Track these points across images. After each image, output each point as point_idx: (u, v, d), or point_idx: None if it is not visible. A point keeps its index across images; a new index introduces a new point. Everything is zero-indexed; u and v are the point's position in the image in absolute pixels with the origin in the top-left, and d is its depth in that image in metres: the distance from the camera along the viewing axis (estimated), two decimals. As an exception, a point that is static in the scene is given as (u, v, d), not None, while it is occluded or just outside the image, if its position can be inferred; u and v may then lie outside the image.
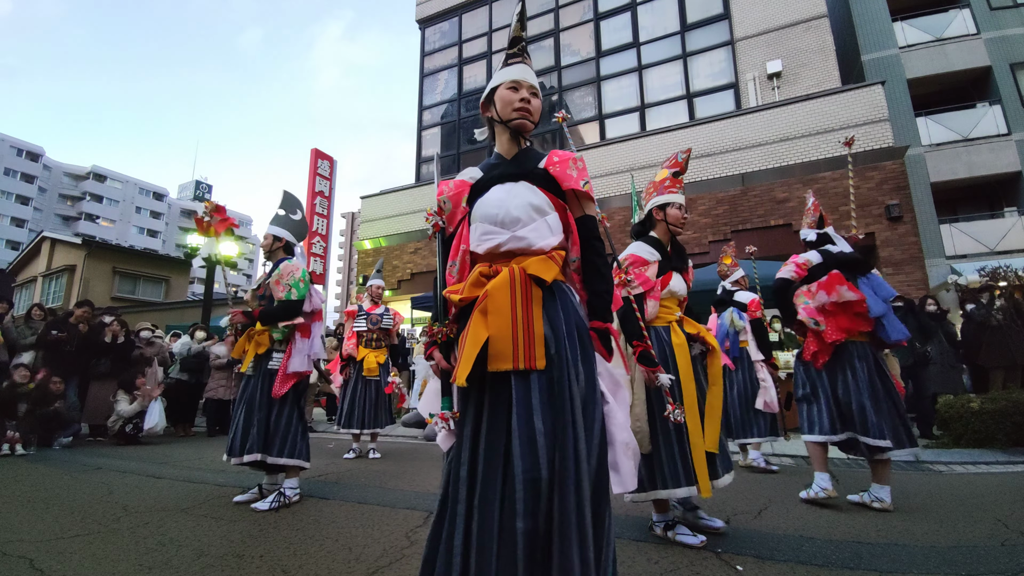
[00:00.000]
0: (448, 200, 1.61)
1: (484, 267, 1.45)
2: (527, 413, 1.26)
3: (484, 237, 1.49)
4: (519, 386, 1.29)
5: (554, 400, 1.29)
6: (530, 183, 1.50)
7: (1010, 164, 12.06)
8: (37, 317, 6.98)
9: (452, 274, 1.55)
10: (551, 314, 1.39)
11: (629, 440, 1.40)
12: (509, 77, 1.59)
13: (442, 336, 1.49)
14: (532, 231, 1.45)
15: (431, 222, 1.62)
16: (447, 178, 1.74)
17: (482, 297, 1.38)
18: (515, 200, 1.47)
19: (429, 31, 15.74)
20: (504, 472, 1.24)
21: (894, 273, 8.62)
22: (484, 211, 1.50)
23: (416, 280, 13.01)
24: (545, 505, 1.20)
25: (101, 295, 18.21)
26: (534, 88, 1.60)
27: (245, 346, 3.28)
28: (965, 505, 3.07)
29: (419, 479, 3.97)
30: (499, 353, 1.32)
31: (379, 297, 5.37)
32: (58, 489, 3.58)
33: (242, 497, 3.16)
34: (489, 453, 1.27)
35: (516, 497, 1.19)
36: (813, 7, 10.63)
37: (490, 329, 1.33)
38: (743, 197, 9.88)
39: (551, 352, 1.33)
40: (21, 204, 44.65)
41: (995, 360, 5.75)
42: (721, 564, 2.12)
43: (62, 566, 2.09)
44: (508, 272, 1.39)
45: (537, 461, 1.21)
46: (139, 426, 6.08)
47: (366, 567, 2.09)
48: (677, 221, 2.65)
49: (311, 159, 16.01)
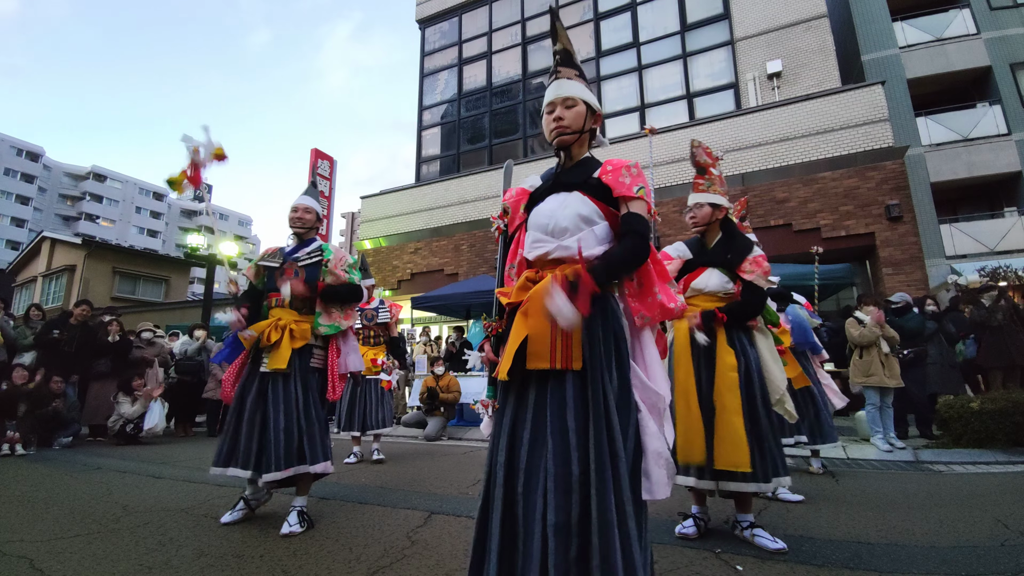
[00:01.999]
0: (509, 207, 1.72)
1: (532, 273, 1.54)
2: (560, 411, 1.36)
3: (534, 245, 1.57)
4: (555, 385, 1.40)
5: (588, 400, 1.36)
6: (583, 193, 1.55)
7: (1010, 164, 12.05)
8: (35, 317, 6.99)
9: (511, 276, 1.66)
10: (589, 319, 1.41)
11: (662, 450, 1.41)
12: (546, 101, 1.66)
13: (492, 330, 1.62)
14: (578, 241, 1.49)
15: (494, 225, 1.73)
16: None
17: (525, 300, 1.46)
18: (565, 211, 1.53)
19: (429, 31, 15.74)
20: (543, 466, 1.32)
21: (894, 273, 8.62)
22: (536, 220, 1.59)
23: (416, 280, 13.01)
24: (579, 501, 1.26)
25: (101, 295, 18.22)
26: (569, 99, 1.61)
27: (271, 335, 2.71)
28: (965, 505, 3.07)
29: (419, 479, 3.97)
30: (537, 352, 1.41)
31: (369, 293, 5.03)
32: (58, 489, 3.58)
33: (231, 516, 2.70)
34: (533, 446, 1.36)
35: (548, 491, 1.27)
36: (813, 7, 10.63)
37: (529, 329, 1.42)
38: (743, 197, 9.89)
39: (587, 355, 1.40)
40: (21, 204, 44.63)
41: (994, 360, 5.75)
42: (721, 564, 2.11)
43: (62, 566, 2.09)
44: (551, 278, 1.42)
45: (568, 458, 1.29)
46: (139, 426, 6.09)
47: (366, 567, 2.09)
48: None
49: (311, 159, 16.02)
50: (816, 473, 4.06)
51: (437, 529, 2.62)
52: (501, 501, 1.34)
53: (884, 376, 5.07)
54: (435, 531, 2.58)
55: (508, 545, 1.30)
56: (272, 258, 2.92)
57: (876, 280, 9.13)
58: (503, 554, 1.30)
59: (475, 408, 1.65)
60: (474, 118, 14.38)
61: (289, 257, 2.89)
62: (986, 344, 5.81)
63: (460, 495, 3.39)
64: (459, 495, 3.39)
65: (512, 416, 1.44)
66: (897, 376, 5.12)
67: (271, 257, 2.93)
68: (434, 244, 12.97)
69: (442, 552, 2.26)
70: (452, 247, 12.71)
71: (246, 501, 2.76)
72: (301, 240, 3.00)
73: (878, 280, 8.98)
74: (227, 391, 2.84)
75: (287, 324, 2.74)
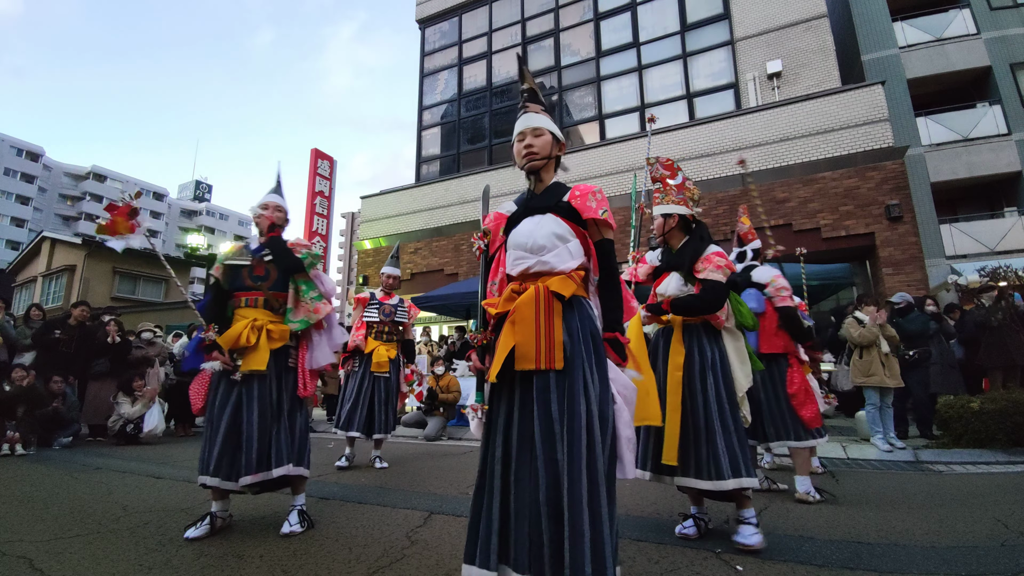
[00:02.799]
0: (489, 230, 1.93)
1: (516, 285, 1.74)
2: (546, 405, 1.54)
3: (516, 261, 1.77)
4: (540, 383, 1.58)
5: (570, 394, 1.54)
6: (555, 215, 1.75)
7: (1010, 164, 12.05)
8: (35, 317, 6.99)
9: (493, 292, 1.87)
10: (569, 323, 1.64)
11: (631, 436, 1.63)
12: (516, 131, 1.85)
13: (478, 341, 1.82)
14: (555, 256, 1.70)
15: (475, 245, 1.92)
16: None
17: (512, 310, 1.66)
18: (541, 231, 1.73)
19: (429, 31, 15.74)
20: (531, 454, 1.53)
21: (894, 273, 8.62)
22: (516, 240, 1.78)
23: (416, 280, 13.01)
24: (566, 482, 1.45)
25: (101, 295, 18.21)
26: (537, 129, 1.81)
27: (249, 337, 2.61)
28: (965, 505, 3.07)
29: (419, 479, 3.97)
30: (524, 355, 1.60)
31: (393, 287, 4.82)
32: (58, 489, 3.58)
33: (196, 532, 2.46)
34: (521, 439, 1.56)
35: (539, 475, 1.48)
36: (813, 7, 10.63)
37: (516, 336, 1.61)
38: (743, 197, 9.87)
39: (568, 355, 1.59)
40: (21, 204, 44.64)
41: (994, 360, 5.75)
42: (721, 564, 2.12)
43: (62, 566, 2.09)
44: (533, 289, 1.67)
45: (554, 445, 1.49)
46: (139, 426, 6.09)
47: (366, 567, 2.09)
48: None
49: (311, 159, 16.03)
50: (816, 472, 4.06)
51: (437, 529, 2.62)
52: (500, 490, 1.54)
53: (884, 376, 5.07)
54: (435, 531, 2.58)
55: (504, 526, 1.52)
56: (239, 256, 2.80)
57: (876, 280, 9.13)
58: (502, 533, 1.51)
59: (465, 412, 1.76)
60: (474, 118, 14.38)
61: (257, 255, 2.80)
62: (986, 344, 5.81)
63: (460, 495, 3.39)
64: (459, 495, 3.39)
65: (506, 414, 1.63)
66: (897, 376, 5.12)
67: (238, 255, 2.80)
68: (434, 244, 12.98)
69: (442, 552, 2.26)
70: (452, 247, 12.71)
71: (212, 516, 2.56)
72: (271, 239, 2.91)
73: (878, 280, 8.98)
74: (198, 401, 2.72)
75: (263, 325, 2.68)
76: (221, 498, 2.60)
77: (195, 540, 2.42)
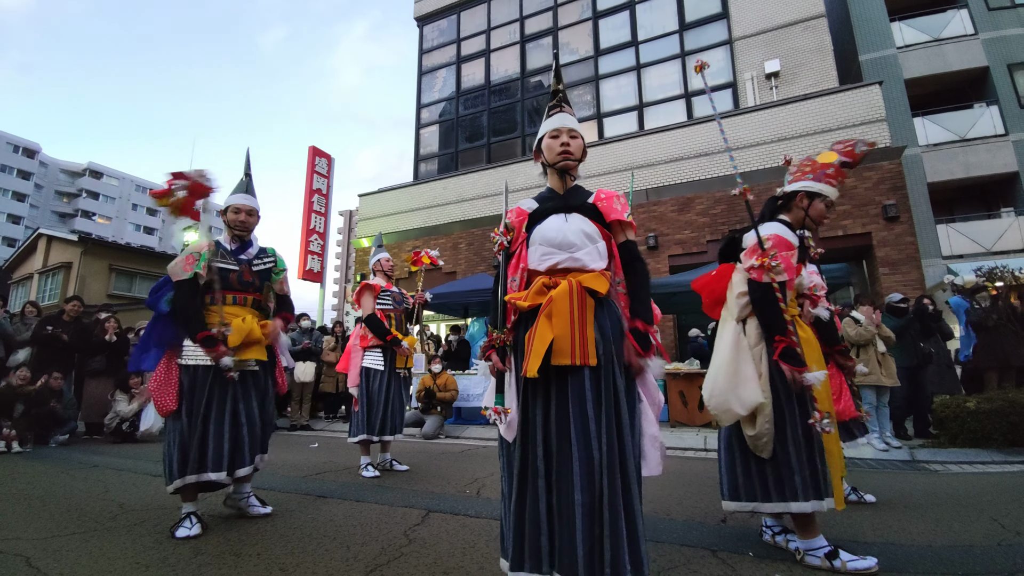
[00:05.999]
0: (512, 225, 1.88)
1: (545, 279, 1.72)
2: (581, 403, 1.55)
3: (544, 257, 1.76)
4: (575, 380, 1.58)
5: (602, 392, 1.56)
6: (582, 215, 1.77)
7: (1007, 164, 12.10)
8: (31, 314, 6.96)
9: (512, 288, 1.81)
10: (601, 321, 1.66)
11: (657, 434, 1.66)
12: (550, 127, 1.88)
13: (500, 341, 1.74)
14: (586, 254, 1.72)
15: (497, 240, 1.86)
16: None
17: (547, 302, 1.63)
18: (570, 228, 1.75)
19: (427, 28, 15.70)
20: (569, 453, 1.52)
21: (891, 273, 8.64)
22: (544, 235, 1.77)
23: (415, 278, 12.98)
24: (599, 481, 1.47)
25: (97, 292, 18.12)
26: (573, 131, 1.87)
27: (254, 333, 2.72)
28: (961, 505, 3.08)
29: (417, 477, 3.96)
30: (560, 350, 1.58)
31: (392, 271, 4.49)
32: (54, 487, 3.57)
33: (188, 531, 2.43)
34: (560, 436, 1.55)
35: (575, 473, 1.48)
36: (811, 7, 10.64)
37: (554, 330, 1.59)
38: (741, 197, 9.90)
39: (600, 352, 1.60)
40: (17, 201, 44.44)
41: (989, 361, 5.77)
42: (719, 563, 2.12)
43: (59, 564, 2.08)
44: (568, 283, 1.66)
45: (590, 443, 1.50)
46: (136, 424, 6.07)
47: (364, 565, 2.09)
48: (820, 217, 2.45)
49: (309, 156, 15.98)
50: None
51: (435, 527, 2.62)
52: (544, 491, 1.53)
53: (881, 375, 5.08)
54: (433, 529, 2.58)
55: (550, 528, 1.51)
56: (220, 258, 2.77)
57: (873, 280, 9.16)
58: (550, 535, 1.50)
59: (486, 414, 1.69)
60: (472, 116, 14.36)
61: (237, 257, 2.82)
62: (981, 345, 5.83)
63: (457, 493, 3.39)
64: (456, 493, 3.39)
65: (543, 412, 1.61)
66: (893, 375, 5.13)
67: (220, 257, 2.77)
68: (432, 242, 12.96)
69: (440, 550, 2.26)
70: (450, 245, 12.70)
71: (195, 515, 2.53)
72: (242, 242, 2.90)
73: (875, 280, 9.00)
74: (170, 402, 2.57)
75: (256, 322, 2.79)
76: (192, 499, 2.57)
77: (191, 538, 2.41)
